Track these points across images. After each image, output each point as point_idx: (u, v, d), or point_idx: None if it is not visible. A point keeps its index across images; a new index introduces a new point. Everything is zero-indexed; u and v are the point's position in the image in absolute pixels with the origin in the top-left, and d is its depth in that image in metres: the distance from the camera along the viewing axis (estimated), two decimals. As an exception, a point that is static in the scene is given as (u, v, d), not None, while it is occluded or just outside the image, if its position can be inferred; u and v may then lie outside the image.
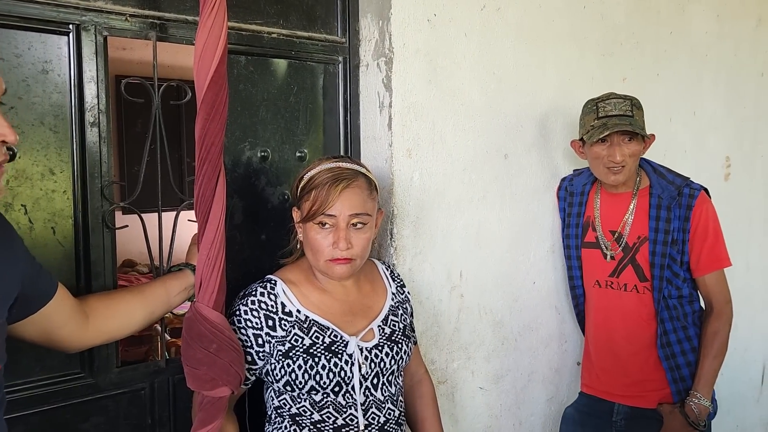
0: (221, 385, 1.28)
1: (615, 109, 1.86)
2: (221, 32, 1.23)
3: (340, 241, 1.36)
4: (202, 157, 1.25)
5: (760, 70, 3.14)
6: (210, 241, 1.28)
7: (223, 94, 1.25)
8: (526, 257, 2.15)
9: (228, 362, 1.28)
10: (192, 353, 1.28)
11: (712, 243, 1.88)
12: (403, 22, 1.77)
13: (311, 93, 1.77)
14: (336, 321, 1.42)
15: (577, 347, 2.33)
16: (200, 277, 1.29)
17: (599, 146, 1.89)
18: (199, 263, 1.29)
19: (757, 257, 3.21)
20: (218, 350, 1.27)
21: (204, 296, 1.28)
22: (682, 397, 1.90)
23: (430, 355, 1.89)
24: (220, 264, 1.29)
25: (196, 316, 1.28)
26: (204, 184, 1.26)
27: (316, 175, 1.39)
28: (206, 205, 1.28)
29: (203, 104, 1.23)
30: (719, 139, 2.93)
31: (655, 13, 2.54)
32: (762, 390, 3.35)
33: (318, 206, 1.36)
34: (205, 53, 1.22)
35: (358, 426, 1.39)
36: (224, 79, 1.26)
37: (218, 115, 1.25)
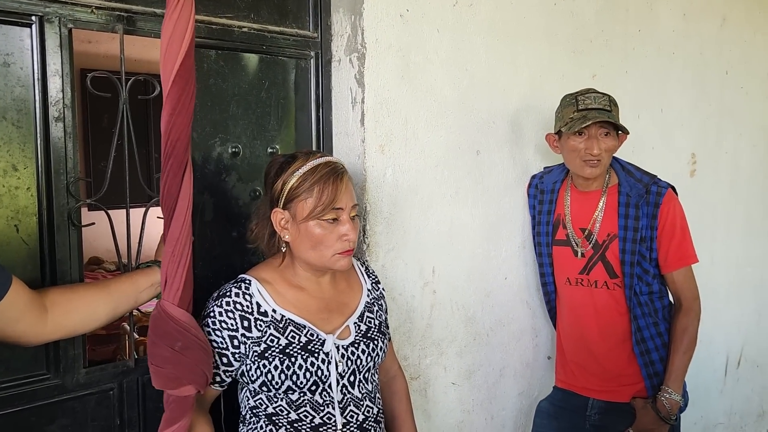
0: (186, 384, 1.27)
1: (594, 103, 1.88)
2: (188, 24, 1.20)
3: (351, 232, 1.36)
4: (167, 153, 1.22)
5: (725, 69, 3.20)
6: (175, 238, 1.25)
7: (189, 88, 1.22)
8: (498, 253, 2.17)
9: (194, 361, 1.26)
10: (157, 351, 1.26)
11: (679, 240, 1.92)
12: (376, 18, 1.76)
13: (283, 88, 1.75)
14: (312, 319, 1.41)
15: (548, 341, 2.35)
16: (165, 274, 1.26)
17: (576, 139, 1.91)
18: (164, 260, 1.27)
19: (721, 252, 3.28)
20: (184, 349, 1.25)
21: (169, 294, 1.26)
22: (656, 392, 1.94)
23: (403, 352, 1.90)
24: (185, 261, 1.26)
25: (162, 314, 1.26)
26: (169, 180, 1.24)
27: (310, 172, 1.36)
28: (172, 201, 1.25)
29: (169, 98, 1.20)
30: (685, 136, 2.99)
31: (623, 11, 2.57)
32: (725, 382, 3.44)
33: (327, 201, 1.34)
34: (170, 46, 1.19)
35: (336, 424, 1.38)
36: (191, 73, 1.23)
37: (184, 109, 1.22)
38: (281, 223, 1.38)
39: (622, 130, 1.90)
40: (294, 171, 1.37)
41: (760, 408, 3.80)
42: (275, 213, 1.38)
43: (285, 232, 1.39)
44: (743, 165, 3.42)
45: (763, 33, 3.49)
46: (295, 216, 1.36)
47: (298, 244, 1.38)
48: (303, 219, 1.35)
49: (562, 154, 2.00)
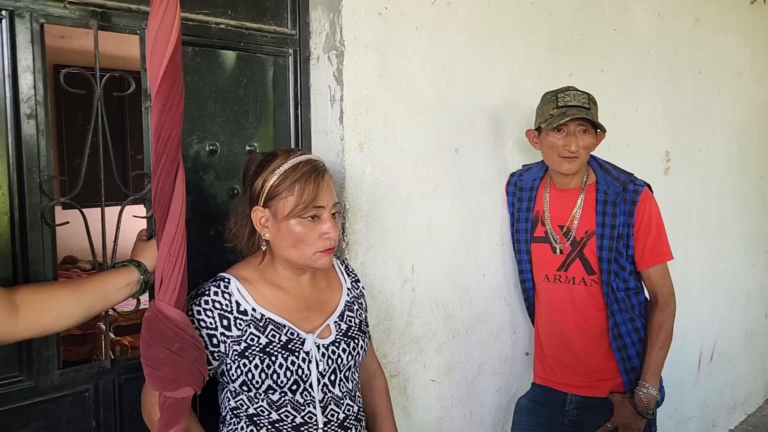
0: (185, 385, 1.25)
1: (574, 101, 1.90)
2: (174, 20, 1.18)
3: (332, 230, 1.35)
4: (159, 151, 1.20)
5: (698, 68, 3.26)
6: (171, 237, 1.23)
7: (178, 84, 1.21)
8: (477, 250, 2.18)
9: (191, 361, 1.25)
10: (153, 353, 1.24)
11: (655, 238, 1.95)
12: (354, 15, 1.75)
13: (261, 86, 1.74)
14: (292, 318, 1.40)
15: (526, 338, 2.37)
16: (161, 274, 1.24)
17: (555, 135, 1.93)
18: (160, 260, 1.25)
19: (695, 248, 3.34)
20: (181, 350, 1.23)
21: (165, 294, 1.24)
22: (633, 387, 1.96)
23: (382, 349, 1.90)
24: (182, 261, 1.25)
25: (158, 315, 1.23)
26: (162, 179, 1.22)
27: (291, 170, 1.35)
28: (165, 200, 1.23)
29: (158, 95, 1.19)
30: (659, 135, 3.03)
31: (599, 11, 2.60)
32: (699, 375, 3.51)
33: (309, 199, 1.33)
34: (157, 42, 1.17)
35: (317, 423, 1.38)
36: (179, 69, 1.21)
37: (174, 106, 1.20)
38: (261, 221, 1.37)
39: (600, 128, 1.93)
40: (274, 169, 1.35)
41: (732, 401, 3.88)
42: (255, 211, 1.37)
43: (265, 230, 1.38)
44: (715, 163, 3.49)
45: (734, 33, 3.56)
46: (276, 214, 1.35)
47: (279, 243, 1.37)
48: (284, 217, 1.34)
49: (542, 150, 2.02)
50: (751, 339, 4.02)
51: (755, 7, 3.69)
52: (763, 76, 3.90)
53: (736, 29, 3.58)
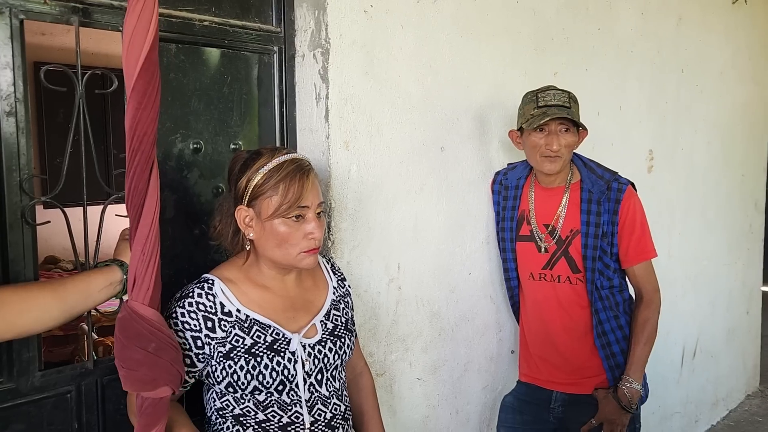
0: (163, 385, 1.23)
1: (554, 100, 1.91)
2: (152, 15, 1.17)
3: (317, 230, 1.34)
4: (133, 148, 1.19)
5: (681, 67, 3.29)
6: (144, 236, 1.22)
7: (155, 81, 1.19)
8: (462, 249, 2.18)
9: (168, 361, 1.23)
10: (129, 354, 1.22)
11: (639, 236, 1.96)
12: (340, 13, 1.74)
13: (246, 83, 1.73)
14: (277, 318, 1.39)
15: (511, 336, 2.38)
16: (134, 274, 1.23)
17: (537, 135, 1.93)
18: (133, 259, 1.23)
19: (678, 246, 3.37)
20: (158, 349, 1.22)
21: (139, 294, 1.22)
22: (617, 383, 1.98)
23: (368, 348, 1.89)
24: (155, 260, 1.23)
25: (132, 315, 1.22)
26: (136, 177, 1.20)
27: (275, 169, 1.33)
28: (139, 199, 1.21)
29: (134, 92, 1.17)
30: (643, 133, 3.05)
31: (584, 10, 2.61)
32: (682, 372, 3.54)
33: (293, 199, 1.31)
34: (134, 38, 1.16)
35: (304, 423, 1.37)
36: (156, 66, 1.20)
37: (150, 103, 1.19)
38: (245, 220, 1.36)
39: (581, 127, 1.93)
40: (259, 168, 1.34)
41: (714, 397, 3.92)
42: (239, 210, 1.36)
43: (249, 230, 1.36)
44: (698, 161, 3.52)
45: (717, 33, 3.60)
46: (260, 214, 1.34)
47: (263, 243, 1.36)
48: (268, 217, 1.33)
49: (524, 150, 2.03)
50: (733, 336, 4.07)
51: (737, 7, 3.73)
52: (744, 76, 3.94)
53: (718, 29, 3.61)
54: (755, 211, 4.27)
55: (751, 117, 4.08)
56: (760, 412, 4.11)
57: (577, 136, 1.96)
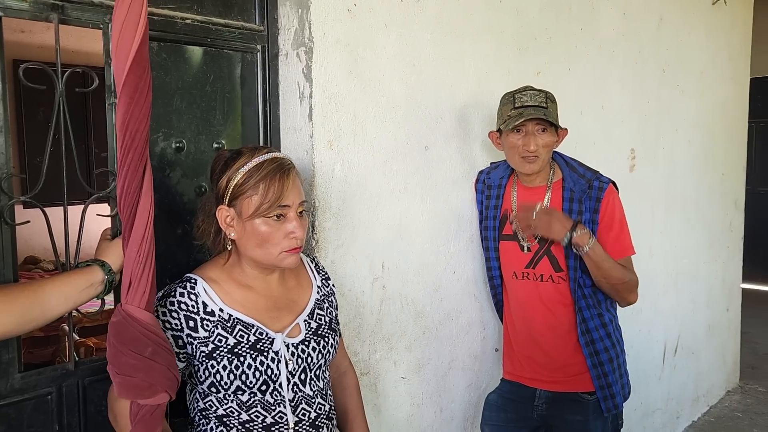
0: (161, 391, 1.20)
1: (531, 101, 1.92)
2: (141, 9, 1.15)
3: (298, 230, 1.33)
4: (126, 146, 1.16)
5: (662, 67, 3.32)
6: (140, 237, 1.19)
7: (146, 76, 1.17)
8: (447, 247, 2.19)
9: (165, 365, 1.21)
10: (124, 360, 1.19)
11: (617, 233, 1.97)
12: (323, 12, 1.74)
13: (228, 82, 1.72)
14: (261, 318, 1.38)
15: (495, 334, 2.39)
16: (129, 276, 1.20)
17: (515, 136, 1.94)
18: (128, 261, 1.21)
19: (659, 244, 3.41)
20: (154, 354, 1.19)
21: (135, 297, 1.20)
22: (601, 382, 1.99)
23: (352, 347, 1.89)
24: (151, 262, 1.21)
25: (127, 319, 1.19)
26: (130, 175, 1.18)
27: (255, 168, 1.32)
28: (133, 198, 1.19)
29: (125, 87, 1.14)
30: (625, 132, 3.08)
31: (566, 10, 2.63)
32: (663, 369, 3.58)
33: (274, 198, 1.30)
34: (124, 32, 1.13)
35: (288, 423, 1.36)
36: (147, 61, 1.17)
37: (142, 98, 1.16)
38: (226, 220, 1.35)
39: (557, 126, 1.94)
40: (239, 167, 1.33)
41: (695, 393, 3.97)
42: (220, 210, 1.35)
43: (230, 229, 1.36)
44: (679, 160, 3.56)
45: (697, 33, 3.64)
46: (241, 213, 1.33)
47: (245, 242, 1.36)
48: (248, 217, 1.32)
49: (504, 151, 2.04)
50: (713, 333, 4.12)
51: (716, 7, 3.78)
52: (724, 76, 3.99)
53: (699, 29, 3.66)
54: (735, 209, 4.32)
55: (731, 116, 4.14)
56: (740, 407, 4.17)
57: (556, 135, 1.97)
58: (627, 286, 1.95)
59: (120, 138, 1.17)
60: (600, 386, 2.00)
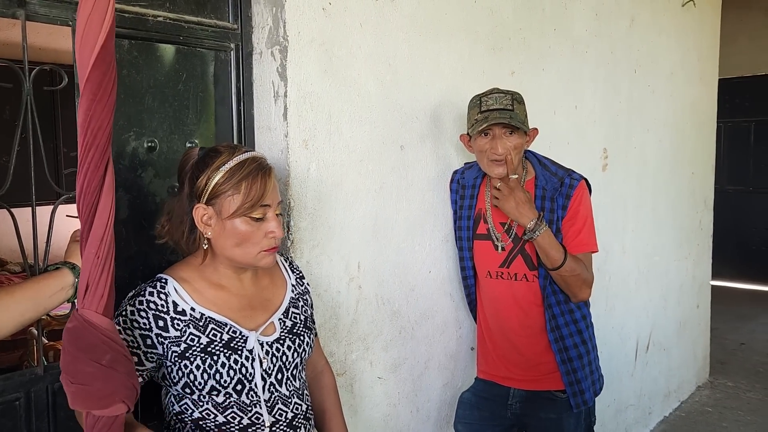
0: (119, 401, 1.15)
1: (496, 103, 1.92)
2: (108, 4, 1.12)
3: (278, 229, 1.33)
4: (87, 144, 1.12)
5: (633, 68, 3.37)
6: (98, 239, 1.13)
7: (110, 73, 1.13)
8: (422, 247, 2.19)
9: (125, 373, 1.16)
10: (80, 368, 1.13)
11: (580, 227, 1.97)
12: (298, 10, 1.73)
13: (202, 81, 1.69)
14: (234, 316, 1.37)
15: (471, 333, 2.40)
16: (87, 279, 1.14)
17: (482, 139, 1.95)
18: (86, 264, 1.15)
19: (631, 242, 3.46)
20: (113, 362, 1.14)
21: (92, 302, 1.14)
22: (570, 378, 2.01)
23: (328, 348, 1.88)
24: (110, 265, 1.16)
25: (85, 325, 1.14)
26: (90, 174, 1.12)
27: (237, 167, 1.31)
28: (92, 198, 1.13)
29: (88, 83, 1.10)
30: (597, 132, 3.12)
31: (540, 11, 2.65)
32: (636, 365, 3.63)
33: (256, 198, 1.30)
34: (90, 26, 1.09)
35: (265, 423, 1.35)
36: (112, 57, 1.13)
37: (106, 96, 1.12)
38: (203, 219, 1.33)
39: (523, 129, 1.92)
40: (219, 166, 1.31)
41: (666, 389, 4.04)
42: (197, 209, 1.33)
43: (207, 228, 1.34)
44: (650, 159, 3.62)
45: (668, 34, 3.70)
46: (220, 212, 1.31)
47: (222, 241, 1.34)
48: (229, 216, 1.31)
49: (474, 153, 2.04)
50: (684, 329, 4.19)
51: (686, 9, 3.85)
52: (693, 76, 4.07)
53: (669, 31, 3.72)
54: (704, 208, 4.41)
55: (699, 116, 4.22)
56: (710, 402, 4.25)
57: (526, 136, 1.97)
58: (577, 280, 1.93)
59: (81, 135, 1.12)
60: (569, 382, 2.01)
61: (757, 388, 4.44)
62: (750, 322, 5.97)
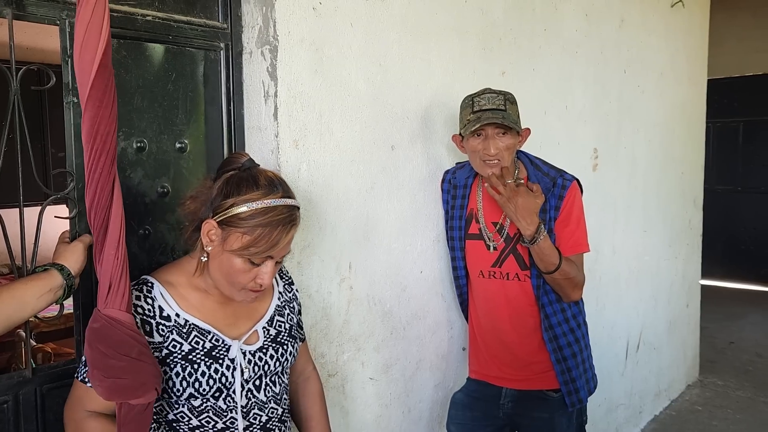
0: (151, 389, 1.22)
1: (489, 104, 1.91)
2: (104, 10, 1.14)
3: (266, 279, 1.30)
4: (97, 149, 1.16)
5: (623, 68, 3.38)
6: (116, 241, 1.21)
7: (112, 78, 1.17)
8: (414, 247, 2.19)
9: (152, 363, 1.23)
10: (112, 363, 1.19)
11: (572, 229, 1.98)
12: (288, 10, 1.72)
13: (191, 80, 1.68)
14: (218, 324, 1.36)
15: (462, 333, 2.40)
16: (109, 280, 1.22)
17: (475, 140, 1.94)
18: (106, 266, 1.22)
19: (622, 242, 3.47)
20: (141, 354, 1.21)
21: (116, 300, 1.21)
22: (565, 377, 2.01)
23: (320, 349, 1.88)
24: (127, 265, 1.23)
25: (112, 323, 1.20)
26: (102, 180, 1.18)
27: (263, 211, 1.26)
28: (106, 202, 1.21)
29: (93, 91, 1.14)
30: (588, 132, 3.13)
31: (530, 11, 2.65)
32: (626, 364, 3.64)
33: (264, 249, 1.26)
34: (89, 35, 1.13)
35: (238, 428, 1.35)
36: (111, 63, 1.18)
37: (110, 100, 1.17)
38: (209, 234, 1.30)
39: (516, 129, 1.92)
40: (249, 200, 1.27)
41: (657, 388, 4.06)
42: (208, 223, 1.29)
43: (209, 243, 1.31)
44: (640, 159, 3.63)
45: (657, 35, 3.72)
46: (225, 241, 1.28)
47: (215, 265, 1.32)
48: (231, 250, 1.28)
49: (467, 154, 2.04)
50: (674, 328, 4.22)
51: (675, 10, 3.87)
52: (682, 77, 4.09)
53: (658, 31, 3.74)
54: (694, 207, 4.43)
55: (688, 117, 4.24)
56: (699, 401, 4.27)
57: (518, 136, 1.97)
58: (571, 282, 1.94)
59: (89, 142, 1.16)
60: (564, 381, 2.02)
61: (746, 386, 4.47)
62: (739, 321, 6.02)
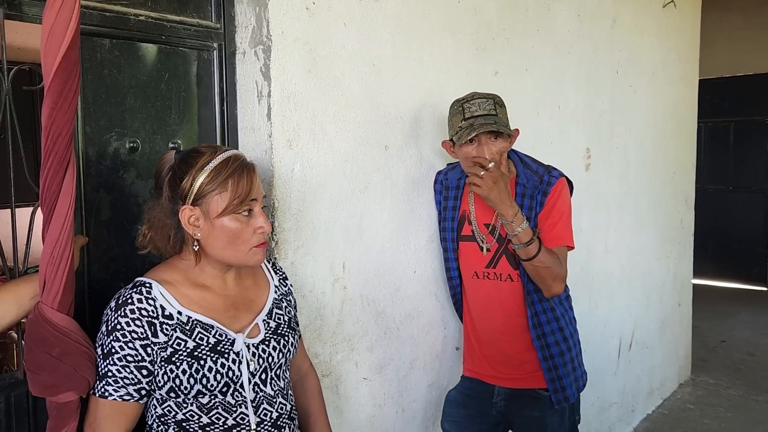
0: (64, 391, 1.24)
1: (480, 109, 1.90)
2: (72, 13, 1.14)
3: (266, 224, 1.34)
4: (48, 149, 1.17)
5: (615, 68, 3.39)
6: (54, 238, 1.20)
7: (73, 81, 1.16)
8: (407, 247, 2.19)
9: (72, 366, 1.23)
10: (33, 357, 1.22)
11: (554, 221, 1.97)
12: (281, 10, 1.72)
13: (184, 80, 1.68)
14: (219, 318, 1.36)
15: (456, 332, 2.40)
16: (44, 276, 1.21)
17: (468, 147, 1.93)
18: (43, 262, 1.21)
19: (614, 241, 3.48)
20: (62, 354, 1.22)
21: (48, 297, 1.22)
22: (552, 375, 2.02)
23: (313, 349, 1.87)
24: (66, 263, 1.22)
25: (39, 319, 1.22)
26: (50, 177, 1.19)
27: (222, 165, 1.31)
28: (52, 200, 1.20)
29: (50, 92, 1.15)
30: (580, 132, 3.14)
31: (523, 11, 2.66)
32: (619, 363, 3.66)
33: (244, 194, 1.30)
34: (52, 36, 1.13)
35: (250, 424, 1.35)
36: (75, 65, 1.17)
37: (66, 104, 1.16)
38: (191, 220, 1.31)
39: (509, 133, 1.92)
40: (203, 166, 1.30)
41: (649, 387, 4.08)
42: (183, 211, 1.30)
43: (196, 230, 1.32)
44: (632, 159, 3.65)
45: (649, 35, 3.73)
46: (208, 212, 1.30)
47: (213, 242, 1.32)
48: (217, 215, 1.30)
49: (459, 160, 2.03)
50: (666, 327, 4.24)
51: (667, 10, 3.89)
52: (674, 77, 4.11)
53: (650, 31, 3.75)
54: (686, 207, 4.45)
55: (680, 116, 4.26)
56: (691, 399, 4.29)
57: (509, 139, 1.96)
58: (550, 273, 1.92)
59: (43, 141, 1.18)
60: (551, 379, 2.02)
61: (737, 384, 4.49)
62: (730, 320, 6.05)
